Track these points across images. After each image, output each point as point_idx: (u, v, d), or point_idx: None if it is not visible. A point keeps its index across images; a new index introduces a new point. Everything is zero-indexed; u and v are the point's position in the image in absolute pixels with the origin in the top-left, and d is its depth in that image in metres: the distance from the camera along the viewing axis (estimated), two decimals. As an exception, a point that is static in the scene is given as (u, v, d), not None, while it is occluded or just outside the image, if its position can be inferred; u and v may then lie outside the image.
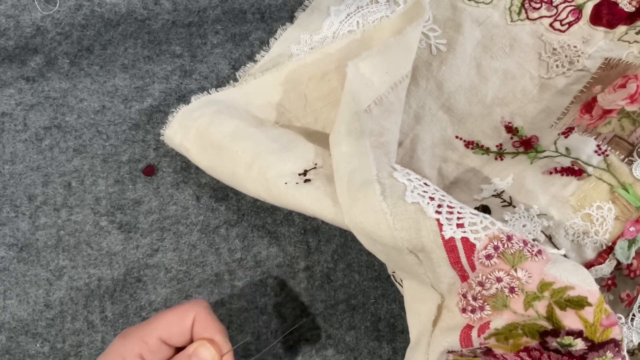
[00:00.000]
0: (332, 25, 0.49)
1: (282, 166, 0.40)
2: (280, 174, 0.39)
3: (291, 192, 0.39)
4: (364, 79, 0.40)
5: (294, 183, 0.39)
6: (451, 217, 0.33)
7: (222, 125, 0.43)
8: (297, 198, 0.39)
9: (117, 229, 0.47)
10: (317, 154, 0.41)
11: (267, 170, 0.40)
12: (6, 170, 0.47)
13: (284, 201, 0.40)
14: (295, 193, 0.39)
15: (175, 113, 0.46)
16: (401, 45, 0.43)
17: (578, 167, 0.41)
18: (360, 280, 0.48)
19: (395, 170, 0.36)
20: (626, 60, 0.46)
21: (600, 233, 0.40)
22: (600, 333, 0.31)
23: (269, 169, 0.40)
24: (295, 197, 0.39)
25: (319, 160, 0.41)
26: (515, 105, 0.49)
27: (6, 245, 0.46)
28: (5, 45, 0.49)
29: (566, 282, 0.31)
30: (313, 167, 0.40)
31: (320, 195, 0.38)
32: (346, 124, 0.38)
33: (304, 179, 0.39)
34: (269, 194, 0.40)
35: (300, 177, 0.39)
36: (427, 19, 0.49)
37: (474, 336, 0.33)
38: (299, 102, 0.48)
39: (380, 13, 0.48)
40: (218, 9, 0.51)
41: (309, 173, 0.40)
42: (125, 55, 0.50)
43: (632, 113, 0.42)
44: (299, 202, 0.39)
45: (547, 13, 0.50)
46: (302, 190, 0.39)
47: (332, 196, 0.38)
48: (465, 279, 0.34)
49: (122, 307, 0.46)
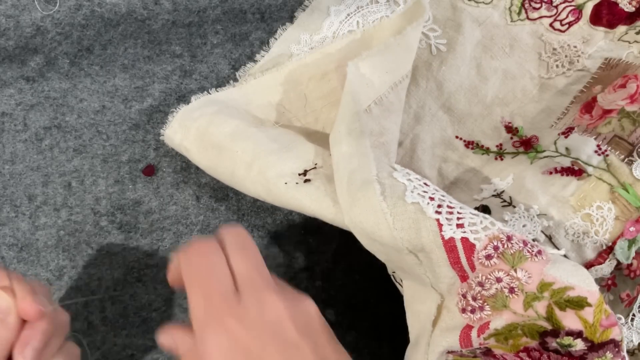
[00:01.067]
0: (332, 25, 0.49)
1: (282, 166, 0.40)
2: (280, 174, 0.40)
3: (291, 192, 0.39)
4: (364, 78, 0.40)
5: (294, 183, 0.39)
6: (451, 217, 0.33)
7: (222, 125, 0.43)
8: (297, 198, 0.39)
9: (117, 229, 0.47)
10: (317, 154, 0.41)
11: (267, 170, 0.40)
12: (6, 170, 0.47)
13: (284, 201, 0.40)
14: (295, 193, 0.39)
15: (175, 113, 0.46)
16: (401, 45, 0.43)
17: (578, 167, 0.41)
18: (360, 280, 0.48)
19: (395, 170, 0.36)
20: (626, 60, 0.46)
21: (600, 233, 0.40)
22: (600, 333, 0.31)
23: (268, 169, 0.40)
24: (295, 197, 0.39)
25: (319, 160, 0.41)
26: (515, 105, 0.49)
27: (6, 245, 0.46)
28: (5, 45, 0.49)
29: (566, 283, 0.31)
30: (313, 167, 0.40)
31: (320, 195, 0.38)
32: (346, 123, 0.38)
33: (304, 179, 0.39)
34: (268, 194, 0.40)
35: (300, 177, 0.39)
36: (427, 19, 0.49)
37: (473, 336, 0.33)
38: (299, 102, 0.48)
39: (380, 13, 0.48)
40: (218, 9, 0.51)
41: (309, 173, 0.40)
42: (125, 55, 0.50)
43: (632, 113, 0.42)
44: (298, 202, 0.39)
45: (547, 13, 0.50)
46: (302, 190, 0.39)
47: (332, 196, 0.38)
48: (465, 279, 0.34)
49: (122, 307, 0.46)
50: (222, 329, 0.30)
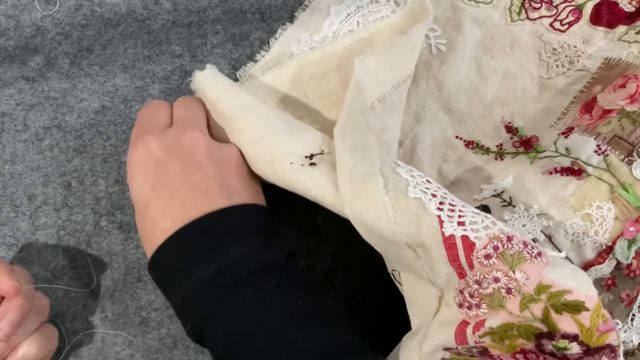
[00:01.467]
0: (332, 25, 0.49)
1: (290, 146, 0.39)
2: (286, 153, 0.39)
3: (296, 172, 0.39)
4: (370, 75, 0.40)
5: (299, 164, 0.39)
6: (452, 215, 0.33)
7: (234, 97, 0.43)
8: (301, 179, 0.39)
9: (117, 229, 0.47)
10: (324, 141, 0.41)
11: (273, 148, 0.40)
12: (6, 170, 0.47)
13: (287, 181, 0.39)
14: (300, 174, 0.38)
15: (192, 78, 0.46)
16: (406, 45, 0.43)
17: (578, 167, 0.41)
18: (361, 280, 0.48)
19: (398, 165, 0.36)
20: (626, 60, 0.46)
21: (600, 233, 0.39)
22: (596, 338, 0.30)
23: (276, 147, 0.40)
24: (299, 178, 0.39)
25: (325, 147, 0.40)
26: (515, 105, 0.49)
27: (6, 245, 0.46)
28: (5, 45, 0.49)
29: (564, 286, 0.31)
30: (320, 152, 0.40)
31: (324, 179, 0.38)
32: (352, 118, 0.38)
33: (309, 162, 0.39)
34: (272, 172, 0.40)
35: (307, 159, 0.39)
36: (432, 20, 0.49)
37: (469, 333, 0.33)
38: (300, 100, 0.48)
39: (380, 13, 0.48)
40: (218, 9, 0.51)
41: (315, 157, 0.39)
42: (125, 55, 0.50)
43: (632, 113, 0.42)
44: (302, 184, 0.39)
45: (547, 13, 0.50)
46: (307, 173, 0.38)
47: (335, 182, 0.37)
48: (463, 277, 0.34)
49: (122, 307, 0.46)
50: (142, 144, 0.40)
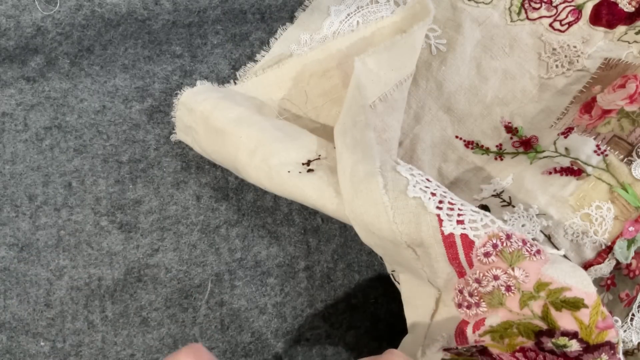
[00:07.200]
0: (332, 25, 0.49)
1: (286, 154, 0.40)
2: (283, 162, 0.39)
3: (294, 180, 0.39)
4: (371, 74, 0.40)
5: (297, 172, 0.39)
6: (452, 214, 0.33)
7: (227, 110, 0.43)
8: (300, 187, 0.38)
9: (117, 228, 0.47)
10: (320, 146, 0.41)
11: (270, 158, 0.40)
12: (7, 170, 0.47)
13: (286, 190, 0.40)
14: (298, 182, 0.38)
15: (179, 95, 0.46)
16: (407, 44, 0.43)
17: (577, 167, 0.41)
18: (360, 280, 0.48)
19: (398, 164, 0.36)
20: (626, 60, 0.46)
21: (600, 233, 0.39)
22: (595, 335, 0.31)
23: (272, 157, 0.40)
24: (297, 186, 0.39)
25: (322, 152, 0.40)
26: (515, 105, 0.49)
27: (7, 245, 0.46)
28: (5, 45, 0.49)
29: (563, 283, 0.31)
30: (317, 158, 0.40)
31: (323, 185, 0.38)
32: (352, 116, 0.38)
33: (307, 169, 0.39)
34: (271, 181, 0.40)
35: (304, 166, 0.39)
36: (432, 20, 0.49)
37: (469, 332, 0.33)
38: (300, 99, 0.48)
39: (380, 13, 0.48)
40: (218, 9, 0.51)
41: (312, 163, 0.39)
42: (126, 56, 0.50)
43: (631, 113, 0.42)
44: (301, 191, 0.39)
45: (546, 13, 0.50)
46: (305, 180, 0.38)
47: (335, 187, 0.37)
48: (462, 275, 0.34)
49: (122, 306, 0.46)
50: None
